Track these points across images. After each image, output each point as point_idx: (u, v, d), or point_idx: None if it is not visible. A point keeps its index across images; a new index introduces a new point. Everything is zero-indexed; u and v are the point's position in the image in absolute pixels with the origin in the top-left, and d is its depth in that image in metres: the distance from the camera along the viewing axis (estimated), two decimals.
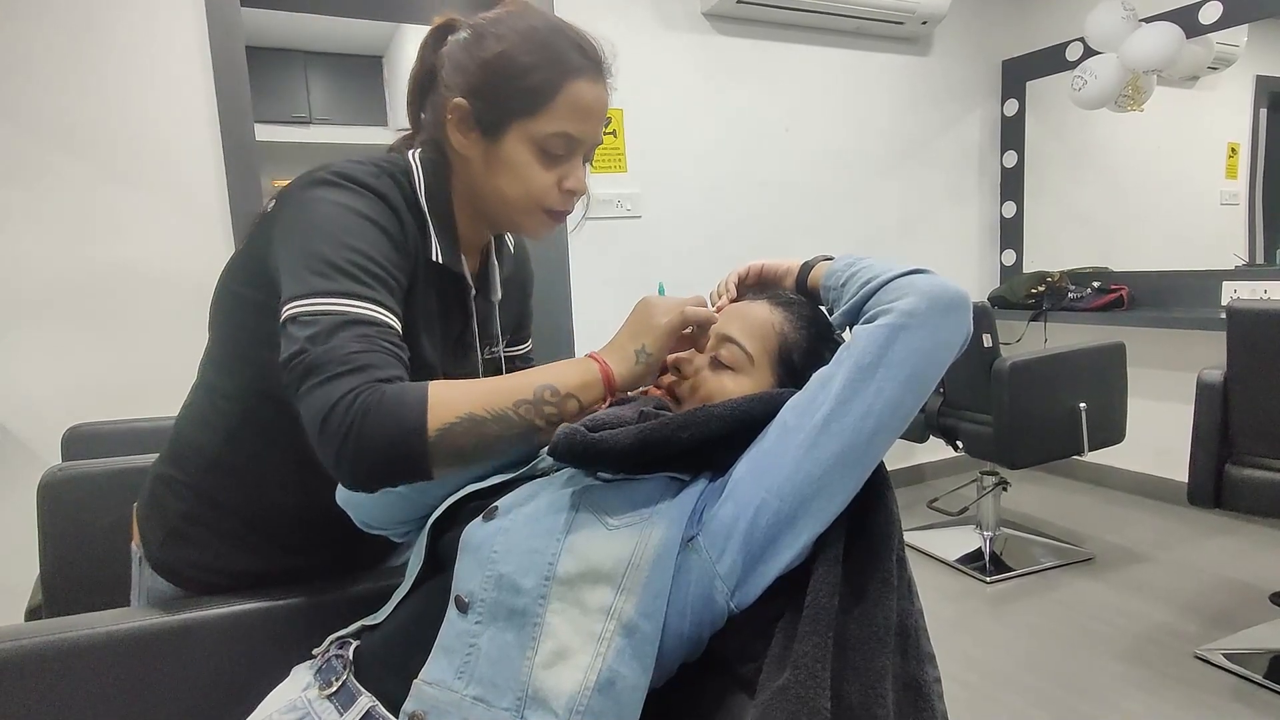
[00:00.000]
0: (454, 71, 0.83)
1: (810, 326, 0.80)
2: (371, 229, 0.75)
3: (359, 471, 0.65)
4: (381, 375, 0.66)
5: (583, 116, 0.82)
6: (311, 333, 0.67)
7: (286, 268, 0.73)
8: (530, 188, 0.83)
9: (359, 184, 0.78)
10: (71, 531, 1.28)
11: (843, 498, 0.64)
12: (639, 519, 0.65)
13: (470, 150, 0.84)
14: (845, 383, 0.63)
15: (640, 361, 0.76)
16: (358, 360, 0.66)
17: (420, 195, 0.85)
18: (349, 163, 0.81)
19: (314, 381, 0.65)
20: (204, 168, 2.13)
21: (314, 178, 0.78)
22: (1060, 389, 2.34)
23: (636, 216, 2.80)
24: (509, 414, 0.68)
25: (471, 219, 0.90)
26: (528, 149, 0.82)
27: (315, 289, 0.69)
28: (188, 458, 0.90)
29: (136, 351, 2.08)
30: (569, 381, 0.72)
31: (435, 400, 0.66)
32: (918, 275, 0.67)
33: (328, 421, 0.64)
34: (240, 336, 0.84)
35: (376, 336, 0.69)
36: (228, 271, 0.86)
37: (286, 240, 0.75)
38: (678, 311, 0.77)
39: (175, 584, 0.90)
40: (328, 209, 0.75)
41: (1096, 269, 3.22)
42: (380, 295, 0.72)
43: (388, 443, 0.64)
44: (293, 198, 0.77)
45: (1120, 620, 2.14)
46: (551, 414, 0.70)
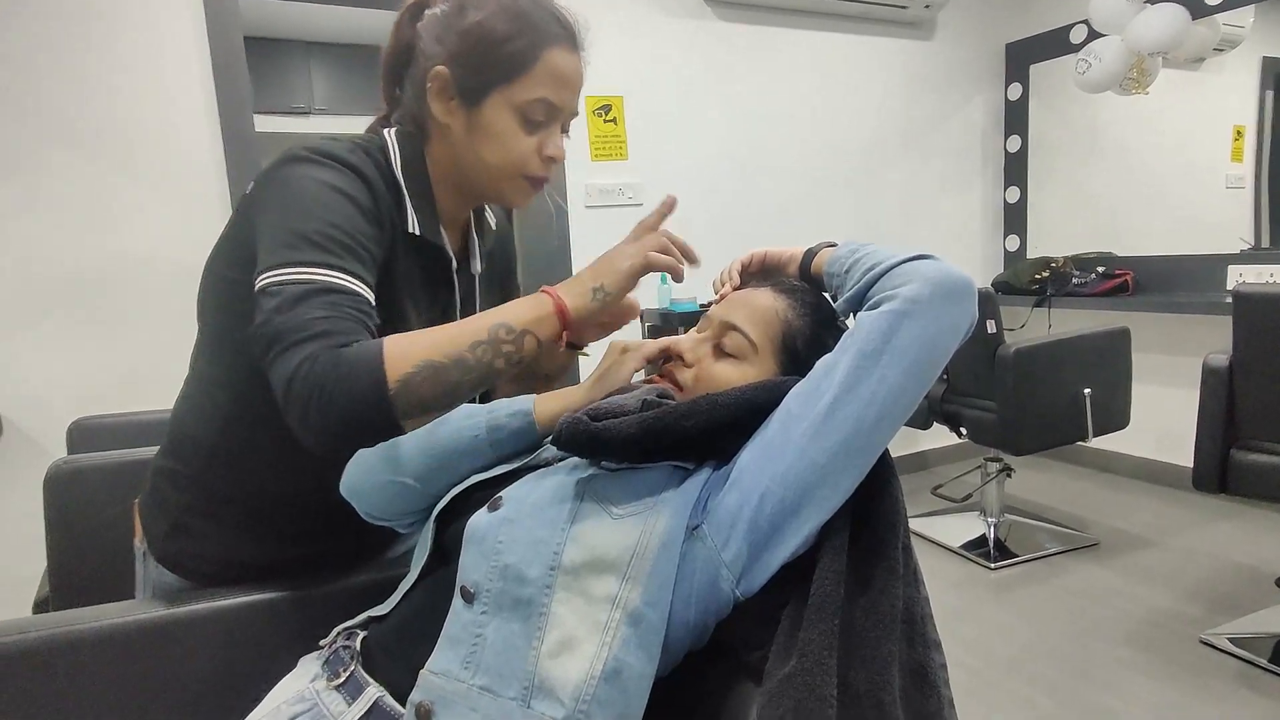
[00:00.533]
0: (433, 42, 0.84)
1: (814, 313, 0.79)
2: (343, 201, 0.76)
3: (326, 433, 0.65)
4: (343, 340, 0.66)
5: (561, 84, 0.84)
6: (276, 303, 0.67)
7: (262, 244, 0.73)
8: (511, 154, 0.84)
9: (333, 159, 0.78)
10: (78, 524, 1.28)
11: (847, 486, 0.64)
12: (644, 508, 0.65)
13: (451, 118, 0.84)
14: (849, 370, 0.63)
15: (596, 299, 0.76)
16: (318, 326, 0.66)
17: (396, 169, 0.85)
18: (325, 139, 0.82)
19: (277, 350, 0.66)
20: (204, 160, 2.13)
21: (290, 155, 0.78)
22: (1065, 375, 2.34)
23: (638, 204, 2.79)
24: (466, 357, 0.68)
25: (451, 192, 0.90)
26: (509, 115, 0.83)
27: (284, 259, 0.70)
28: (186, 449, 0.90)
29: (138, 344, 2.08)
30: (523, 317, 0.72)
31: (391, 353, 0.66)
32: (922, 261, 0.67)
33: (290, 388, 0.64)
34: (228, 321, 0.84)
35: (343, 303, 0.69)
36: (213, 256, 0.87)
37: (262, 217, 0.76)
38: (641, 256, 0.78)
39: (180, 576, 0.91)
40: (301, 184, 0.75)
41: (1101, 254, 3.20)
42: (349, 264, 0.72)
43: (349, 401, 0.64)
44: (269, 176, 0.78)
45: (1125, 605, 2.14)
46: (510, 352, 0.70)
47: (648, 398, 0.69)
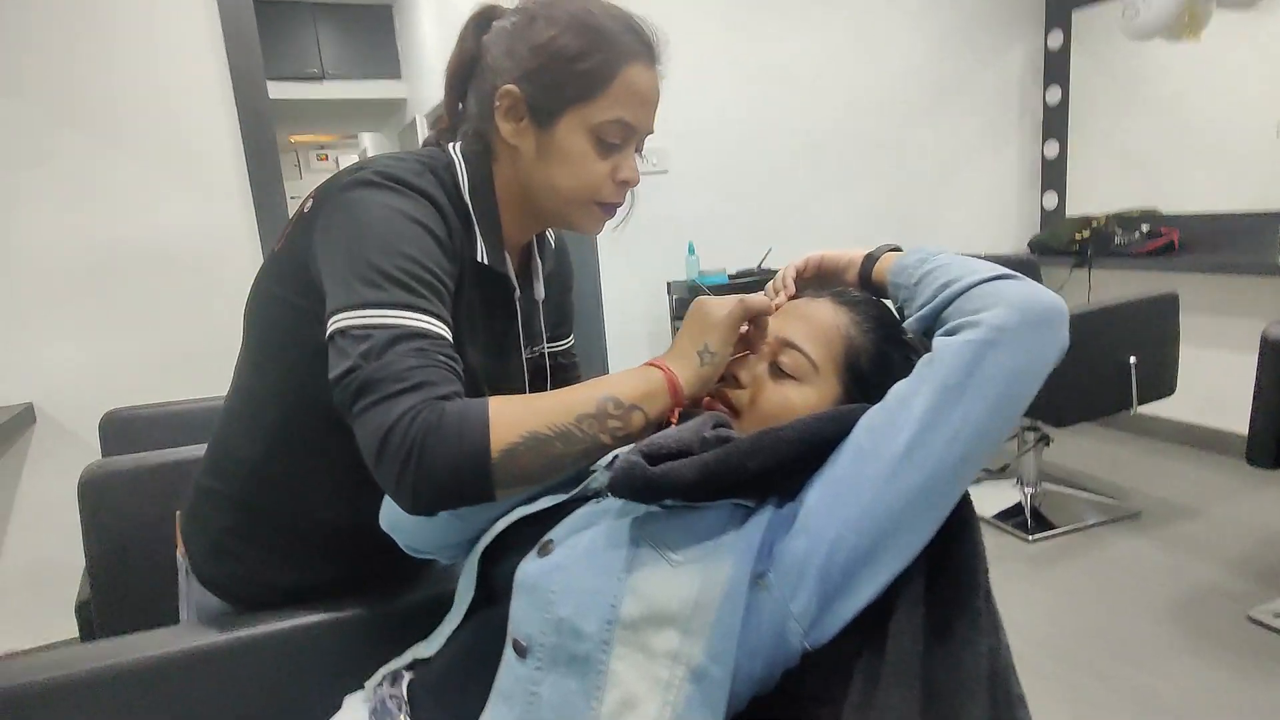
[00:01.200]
0: (503, 57, 0.78)
1: (879, 328, 0.73)
2: (421, 232, 0.71)
3: (421, 495, 0.62)
4: (440, 392, 0.63)
5: (639, 102, 0.79)
6: (365, 348, 0.63)
7: (332, 275, 0.69)
8: (585, 178, 0.79)
9: (403, 184, 0.74)
10: (114, 526, 1.27)
11: (927, 532, 0.59)
12: (704, 553, 0.61)
13: (521, 139, 0.79)
14: (929, 405, 0.58)
15: (706, 363, 0.71)
16: (414, 377, 0.62)
17: (464, 192, 0.81)
18: (390, 160, 0.77)
19: (369, 400, 0.62)
20: (219, 134, 2.08)
21: (356, 178, 0.73)
22: (1109, 343, 2.25)
23: (663, 171, 2.71)
24: (573, 430, 0.65)
25: (516, 215, 0.86)
26: (583, 137, 0.78)
27: (366, 299, 0.66)
28: (228, 469, 0.88)
29: (166, 329, 2.07)
30: (633, 392, 0.68)
31: (497, 420, 0.62)
32: (1004, 282, 0.61)
33: (386, 443, 0.60)
34: (282, 342, 0.81)
35: (432, 350, 0.65)
36: (265, 274, 0.83)
37: (330, 245, 0.71)
38: (736, 302, 0.72)
39: (222, 598, 0.89)
40: (374, 211, 0.71)
41: (1145, 210, 3.07)
42: (433, 305, 0.68)
43: (451, 466, 0.61)
44: (334, 199, 0.73)
45: (1168, 580, 2.09)
46: (616, 428, 0.66)
47: (705, 433, 0.64)
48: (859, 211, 3.09)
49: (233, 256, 2.11)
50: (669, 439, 0.63)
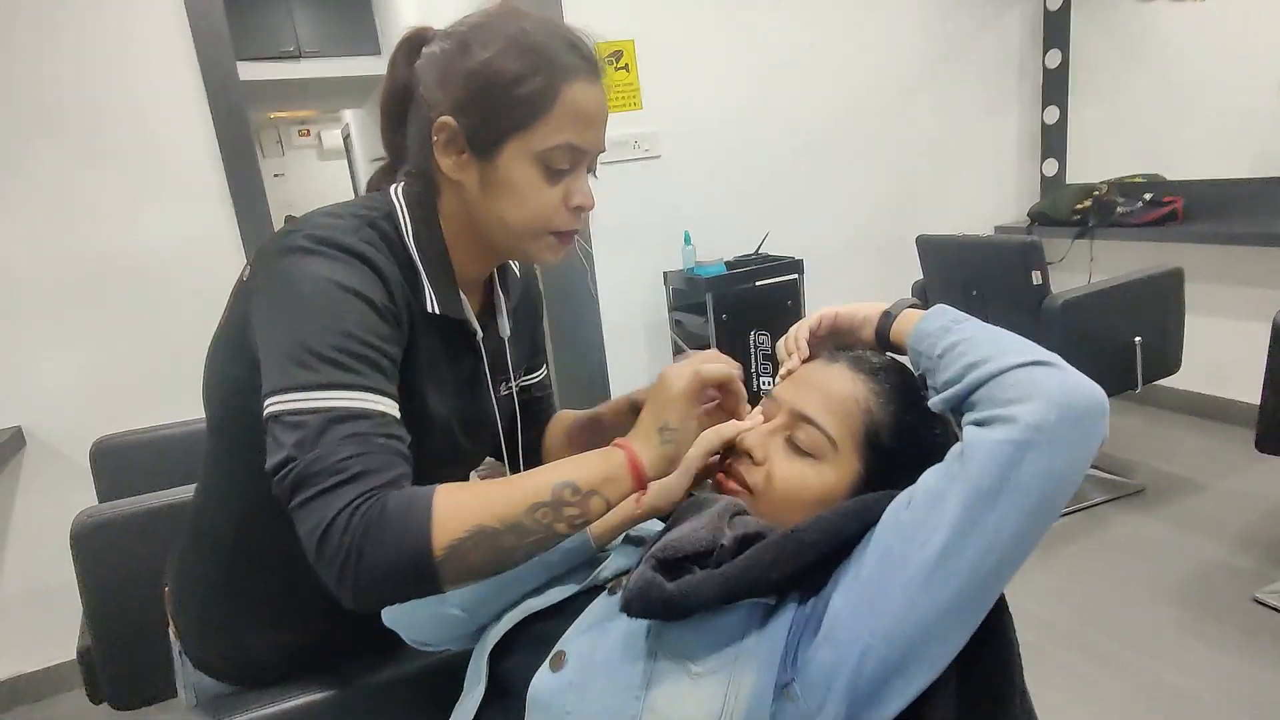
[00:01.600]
0: (436, 87, 0.73)
1: (899, 398, 0.70)
2: (354, 302, 0.67)
3: (362, 596, 0.59)
4: (381, 480, 0.60)
5: (586, 123, 0.73)
6: (298, 436, 0.60)
7: (266, 355, 0.66)
8: (535, 209, 0.74)
9: (337, 247, 0.69)
10: (109, 576, 1.25)
11: (960, 640, 0.56)
12: (725, 661, 0.58)
13: (463, 174, 0.74)
14: (962, 510, 0.54)
15: (668, 440, 0.66)
16: (352, 467, 0.59)
17: (408, 240, 0.76)
18: (325, 218, 0.72)
19: (305, 495, 0.59)
20: (193, 138, 2.00)
21: (287, 244, 0.69)
22: (1114, 324, 2.22)
23: (655, 157, 2.63)
24: (523, 522, 0.61)
25: (469, 252, 0.81)
26: (529, 166, 0.73)
27: (297, 381, 0.62)
28: (208, 544, 0.85)
29: (151, 341, 2.02)
30: (592, 476, 0.64)
31: (441, 513, 0.59)
32: (1040, 370, 0.57)
33: (325, 543, 0.58)
34: (240, 419, 0.76)
35: (371, 432, 0.62)
36: (215, 348, 0.79)
37: (263, 321, 0.68)
38: (690, 374, 0.68)
39: (218, 679, 0.87)
40: (304, 284, 0.66)
41: (1147, 177, 3.01)
42: (371, 380, 0.64)
43: (391, 565, 0.58)
44: (267, 268, 0.69)
45: (1173, 559, 2.09)
46: (573, 515, 0.63)
47: (724, 528, 0.61)
48: (857, 190, 3.02)
49: (217, 263, 2.05)
50: (686, 541, 0.60)
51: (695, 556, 0.60)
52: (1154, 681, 1.66)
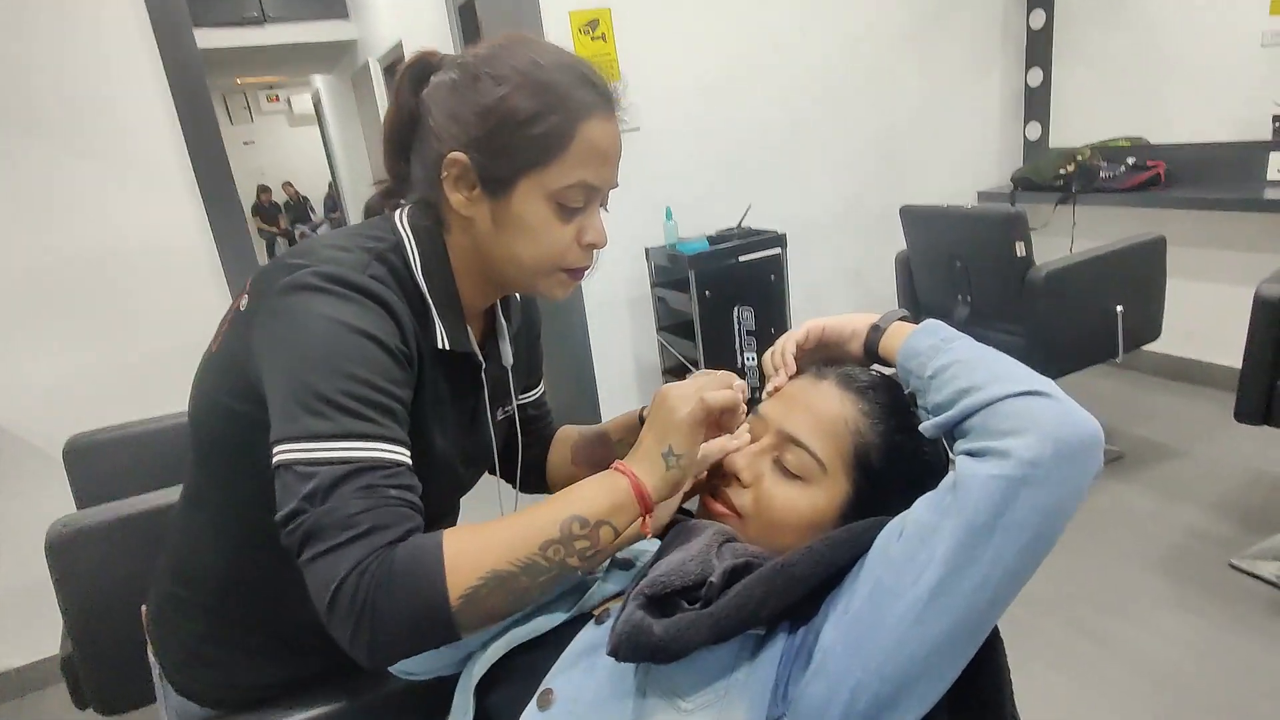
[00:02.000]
0: (447, 120, 0.70)
1: (889, 417, 0.68)
2: (368, 346, 0.64)
3: (378, 654, 0.58)
4: (391, 537, 0.58)
5: (601, 161, 0.72)
6: (309, 488, 0.58)
7: (275, 398, 0.63)
8: (548, 247, 0.72)
9: (348, 286, 0.66)
10: (87, 586, 1.22)
11: (952, 674, 0.56)
12: (715, 696, 0.57)
13: (473, 210, 0.72)
14: (955, 546, 0.53)
15: (672, 466, 0.66)
16: (363, 523, 0.57)
17: (417, 274, 0.73)
18: (334, 251, 0.69)
19: (316, 551, 0.57)
20: (155, 126, 1.92)
21: (296, 281, 0.65)
22: (1096, 293, 2.22)
23: (635, 129, 2.57)
24: (538, 560, 0.60)
25: (477, 284, 0.79)
26: (542, 204, 0.71)
27: (310, 430, 0.60)
28: (195, 576, 0.83)
29: (121, 333, 1.97)
30: (598, 508, 0.63)
31: (454, 563, 0.58)
32: (1035, 401, 0.55)
33: (336, 602, 0.56)
34: (235, 451, 0.74)
35: (383, 484, 0.60)
36: (206, 377, 0.76)
37: (270, 360, 0.65)
38: (696, 400, 0.66)
39: (203, 704, 0.85)
40: (315, 325, 0.63)
41: (1131, 140, 2.98)
42: (385, 429, 0.62)
43: (407, 621, 0.57)
44: (272, 303, 0.66)
45: (1153, 527, 2.13)
46: (585, 549, 0.62)
47: (716, 567, 0.59)
48: (840, 159, 2.97)
49: (186, 256, 2.00)
50: (674, 576, 0.59)
51: (683, 591, 0.58)
52: (1134, 650, 1.70)
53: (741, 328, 2.48)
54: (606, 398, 2.71)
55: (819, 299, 3.00)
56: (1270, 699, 1.52)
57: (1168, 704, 1.55)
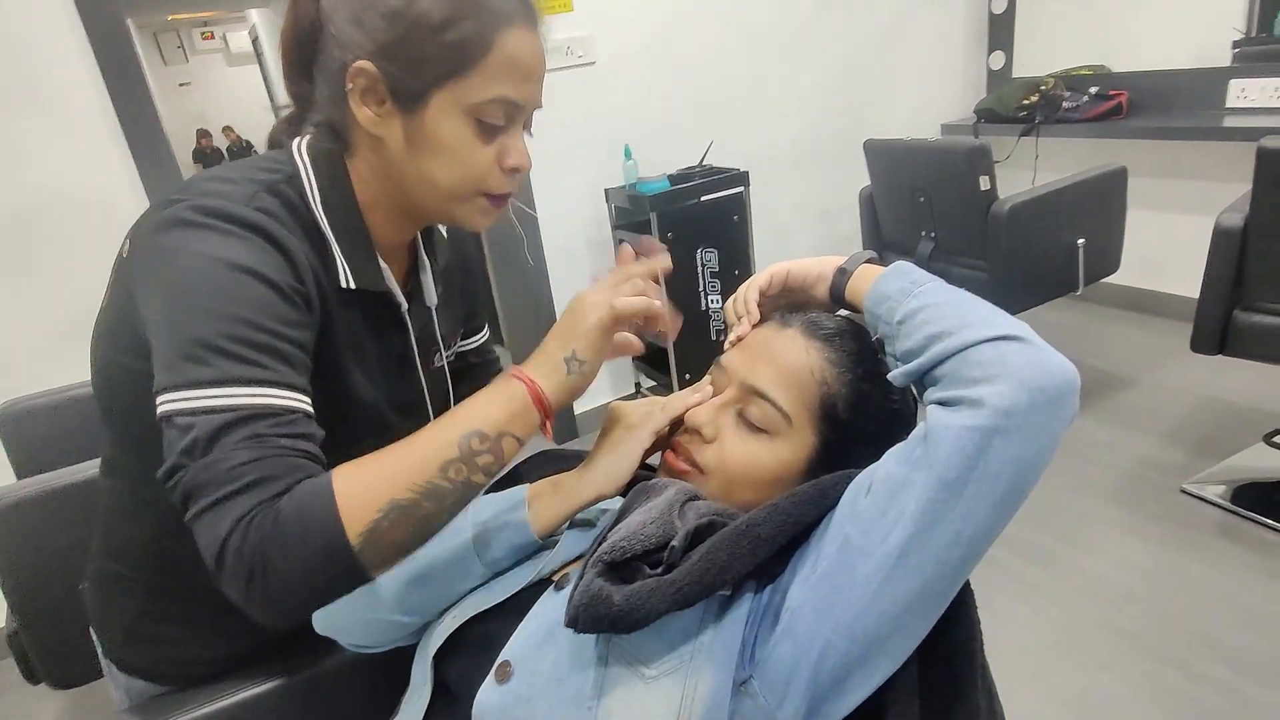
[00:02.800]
0: (351, 26, 0.63)
1: (856, 366, 0.65)
2: (253, 284, 0.59)
3: (276, 609, 0.54)
4: (279, 488, 0.53)
5: (523, 75, 0.66)
6: (188, 441, 0.53)
7: (156, 345, 0.58)
8: (467, 168, 0.67)
9: (227, 219, 0.60)
10: (29, 559, 1.17)
11: (923, 630, 0.54)
12: (680, 661, 0.55)
13: (383, 128, 0.66)
14: (926, 502, 0.51)
15: (573, 372, 0.64)
16: (246, 474, 0.53)
17: (315, 207, 0.67)
18: (215, 183, 0.63)
19: (199, 507, 0.53)
20: (72, 68, 1.78)
21: (169, 215, 0.60)
22: (1058, 227, 2.21)
23: (590, 63, 2.45)
24: (439, 484, 0.56)
25: (389, 215, 0.72)
26: (460, 120, 0.65)
27: (187, 378, 0.55)
28: (127, 551, 0.78)
29: (52, 291, 1.86)
30: (496, 418, 0.60)
31: (346, 500, 0.53)
32: (1009, 346, 0.52)
33: (223, 560, 0.52)
34: (137, 412, 0.67)
35: (271, 433, 0.55)
36: (99, 335, 0.70)
37: (149, 305, 0.59)
38: (605, 305, 0.64)
39: (151, 681, 0.82)
40: (192, 264, 0.58)
41: (1094, 69, 2.95)
42: (272, 372, 0.57)
43: (305, 569, 0.53)
44: (149, 243, 0.60)
45: (1109, 457, 2.18)
46: (488, 463, 0.59)
47: (678, 529, 0.56)
48: (803, 91, 2.89)
49: (113, 208, 1.88)
50: (634, 540, 0.56)
51: (645, 554, 0.56)
52: (1089, 575, 1.75)
53: (705, 270, 2.43)
54: None
55: (783, 238, 2.95)
56: (1219, 615, 1.58)
57: (1122, 624, 1.60)
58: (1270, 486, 1.93)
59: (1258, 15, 2.65)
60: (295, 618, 0.56)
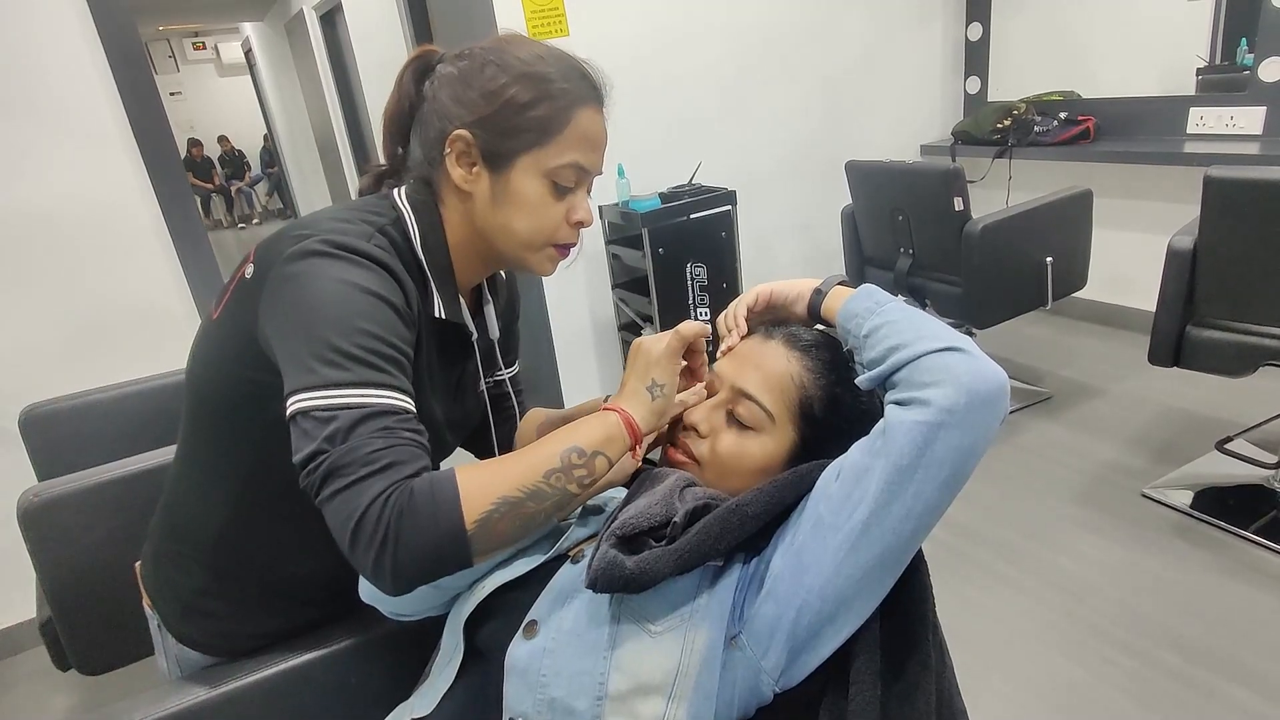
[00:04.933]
0: (452, 102, 0.77)
1: (830, 372, 0.76)
2: (377, 304, 0.70)
3: (400, 578, 0.63)
4: (409, 471, 0.63)
5: (591, 146, 0.80)
6: (330, 430, 0.63)
7: (289, 354, 0.67)
8: (542, 221, 0.80)
9: (355, 252, 0.71)
10: (64, 553, 1.25)
11: (881, 592, 0.65)
12: (680, 620, 0.66)
13: (474, 185, 0.79)
14: (883, 485, 0.62)
15: (657, 397, 0.75)
16: (382, 459, 0.63)
17: (416, 246, 0.79)
18: (338, 223, 0.74)
19: (338, 486, 0.62)
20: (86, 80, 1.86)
21: (305, 248, 0.70)
22: (1029, 245, 2.35)
23: None
24: (542, 487, 0.67)
25: (469, 259, 0.85)
26: (538, 181, 0.78)
27: (328, 379, 0.64)
28: (191, 533, 0.87)
29: (68, 299, 1.93)
30: (594, 439, 0.70)
31: (467, 491, 0.64)
32: (953, 356, 0.63)
33: (359, 531, 0.61)
34: (239, 417, 0.80)
35: (397, 427, 0.65)
36: (208, 344, 0.81)
37: (283, 322, 0.69)
38: (672, 334, 0.77)
39: (203, 652, 0.91)
40: (327, 286, 0.68)
41: (1064, 95, 3.11)
42: (396, 379, 0.68)
43: (428, 545, 0.62)
44: (282, 270, 0.70)
45: (1074, 461, 2.30)
46: (583, 476, 0.69)
47: (679, 509, 0.67)
48: (788, 113, 3.02)
49: (128, 215, 1.95)
50: (642, 518, 0.66)
51: (650, 530, 0.66)
52: (1055, 571, 1.87)
53: (694, 283, 2.55)
54: (563, 355, 2.77)
55: (768, 252, 3.08)
56: (1175, 610, 1.70)
57: (1083, 615, 1.72)
58: (1225, 491, 2.06)
59: (1221, 44, 2.82)
60: (410, 587, 0.65)
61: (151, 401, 1.60)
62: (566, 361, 2.77)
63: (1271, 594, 1.71)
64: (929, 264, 2.50)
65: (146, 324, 2.01)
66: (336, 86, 5.43)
